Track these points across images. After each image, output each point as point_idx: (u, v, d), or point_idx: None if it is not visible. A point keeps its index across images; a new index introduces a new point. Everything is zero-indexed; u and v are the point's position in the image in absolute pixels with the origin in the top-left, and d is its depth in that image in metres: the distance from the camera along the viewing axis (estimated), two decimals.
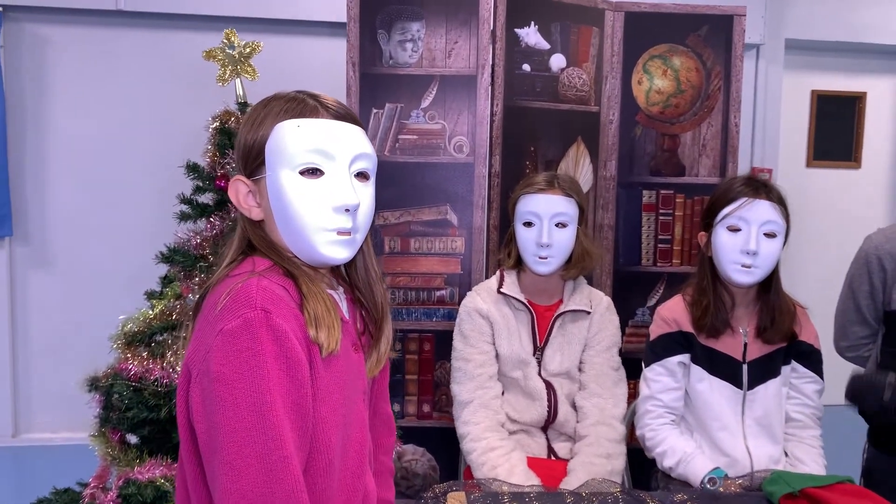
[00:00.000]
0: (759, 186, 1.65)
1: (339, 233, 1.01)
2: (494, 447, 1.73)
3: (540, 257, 1.76)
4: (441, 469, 2.27)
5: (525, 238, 1.79)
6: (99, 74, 3.08)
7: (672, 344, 1.72)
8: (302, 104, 1.02)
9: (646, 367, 1.76)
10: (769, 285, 1.69)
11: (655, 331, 1.76)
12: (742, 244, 1.62)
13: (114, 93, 3.09)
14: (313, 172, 1.00)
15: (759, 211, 1.61)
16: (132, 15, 3.04)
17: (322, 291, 1.01)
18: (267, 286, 0.95)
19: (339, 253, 1.02)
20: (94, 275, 3.13)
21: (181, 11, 3.01)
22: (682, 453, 1.64)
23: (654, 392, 1.72)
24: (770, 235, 1.62)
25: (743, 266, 1.63)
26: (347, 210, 1.00)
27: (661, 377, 1.72)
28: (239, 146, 1.04)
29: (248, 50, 1.97)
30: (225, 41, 1.97)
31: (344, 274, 1.13)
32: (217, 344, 0.90)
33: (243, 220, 1.05)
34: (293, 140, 0.99)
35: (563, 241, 1.77)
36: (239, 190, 1.04)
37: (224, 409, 0.88)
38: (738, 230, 1.64)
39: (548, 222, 1.76)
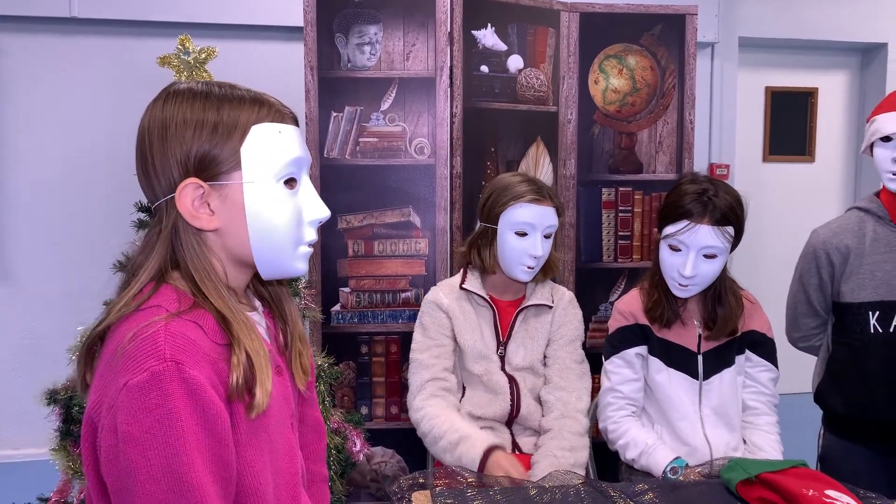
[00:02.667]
0: (706, 204, 1.63)
1: (309, 245, 0.97)
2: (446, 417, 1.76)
3: (529, 267, 1.79)
4: (410, 470, 2.27)
5: (517, 248, 1.77)
6: (53, 82, 3.02)
7: (630, 336, 1.76)
8: (268, 107, 0.93)
9: (605, 360, 1.79)
10: (713, 288, 1.73)
11: (613, 324, 1.80)
12: (680, 266, 1.66)
13: (68, 101, 3.04)
14: (289, 182, 0.94)
15: (699, 237, 1.64)
16: (86, 22, 2.99)
17: (257, 337, 0.91)
18: (177, 331, 0.83)
19: (305, 266, 0.98)
20: (50, 285, 3.06)
21: (136, 18, 2.97)
22: (644, 445, 1.67)
23: (615, 384, 1.75)
24: (710, 256, 1.66)
25: (680, 284, 1.68)
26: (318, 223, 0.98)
27: (621, 369, 1.76)
28: (187, 150, 0.89)
29: (203, 56, 1.96)
30: (180, 47, 1.96)
31: (259, 288, 1.05)
32: (122, 401, 0.79)
33: (182, 232, 0.91)
34: (275, 146, 0.92)
35: (548, 250, 1.82)
36: (189, 195, 0.90)
37: (137, 472, 0.78)
38: (679, 251, 1.67)
39: (540, 234, 1.78)
